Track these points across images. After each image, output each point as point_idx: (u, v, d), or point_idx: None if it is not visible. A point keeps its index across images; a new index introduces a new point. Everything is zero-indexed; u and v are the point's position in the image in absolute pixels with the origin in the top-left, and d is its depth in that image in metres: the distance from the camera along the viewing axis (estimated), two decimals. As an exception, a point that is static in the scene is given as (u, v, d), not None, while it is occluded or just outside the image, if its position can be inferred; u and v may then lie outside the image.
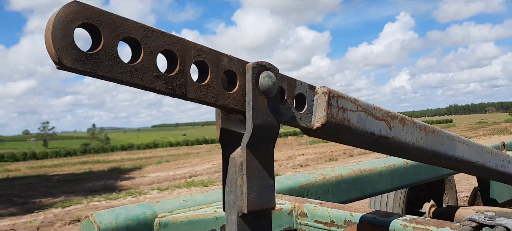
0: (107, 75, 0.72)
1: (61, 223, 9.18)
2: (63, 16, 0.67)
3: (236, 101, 0.89)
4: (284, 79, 0.97)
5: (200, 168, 20.61)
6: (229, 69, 0.88)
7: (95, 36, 0.71)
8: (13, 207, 12.17)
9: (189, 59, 0.82)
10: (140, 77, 0.75)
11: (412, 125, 1.25)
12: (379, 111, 1.16)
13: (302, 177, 1.95)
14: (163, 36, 0.78)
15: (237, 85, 0.89)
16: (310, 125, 1.02)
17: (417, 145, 1.26)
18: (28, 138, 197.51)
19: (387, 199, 3.47)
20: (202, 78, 0.85)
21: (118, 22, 0.73)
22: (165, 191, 13.22)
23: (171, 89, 0.80)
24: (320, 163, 18.78)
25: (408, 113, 69.78)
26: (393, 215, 1.32)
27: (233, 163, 0.90)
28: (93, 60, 0.70)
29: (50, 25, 0.66)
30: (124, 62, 0.74)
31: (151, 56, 0.77)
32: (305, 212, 1.50)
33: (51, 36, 0.66)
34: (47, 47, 0.67)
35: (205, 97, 0.84)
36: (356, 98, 1.11)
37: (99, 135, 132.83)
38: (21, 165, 39.61)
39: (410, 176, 2.41)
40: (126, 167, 25.83)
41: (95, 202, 11.93)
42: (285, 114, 0.97)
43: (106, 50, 0.71)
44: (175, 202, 1.52)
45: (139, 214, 1.40)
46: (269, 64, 0.91)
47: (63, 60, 0.67)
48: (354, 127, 1.08)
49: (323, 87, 1.04)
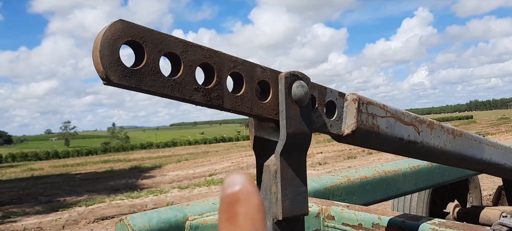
0: (150, 89, 0.75)
1: (85, 222, 9.37)
2: (110, 35, 0.70)
3: (270, 110, 0.91)
4: (315, 88, 0.99)
5: (219, 166, 20.74)
6: (262, 80, 0.90)
7: (139, 53, 0.75)
8: (38, 206, 12.48)
9: (225, 71, 0.85)
10: (180, 90, 0.78)
11: (440, 129, 1.25)
12: (408, 117, 1.17)
13: (327, 179, 1.97)
14: (201, 50, 0.81)
15: (270, 95, 0.91)
16: (340, 131, 1.04)
17: (445, 148, 1.27)
18: (50, 137, 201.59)
19: (410, 199, 3.45)
20: (237, 89, 0.87)
21: (160, 38, 0.76)
22: (186, 189, 13.35)
23: (209, 101, 0.83)
24: (339, 161, 18.70)
25: (427, 110, 68.59)
26: (421, 219, 1.33)
27: (268, 170, 0.92)
28: (137, 76, 0.73)
29: (98, 44, 0.69)
30: (165, 76, 0.77)
31: (190, 69, 0.80)
32: (332, 214, 1.52)
33: (99, 54, 0.69)
34: (95, 65, 0.70)
35: (240, 108, 0.87)
36: (385, 104, 1.13)
37: (119, 133, 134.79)
38: (44, 164, 40.50)
39: (434, 176, 2.40)
40: (146, 165, 26.18)
41: (117, 200, 12.14)
42: (316, 122, 0.99)
43: (149, 65, 0.74)
44: (205, 205, 1.56)
45: (171, 217, 1.44)
46: (301, 73, 0.93)
47: (110, 77, 0.70)
48: (383, 133, 1.10)
49: (353, 94, 1.06)
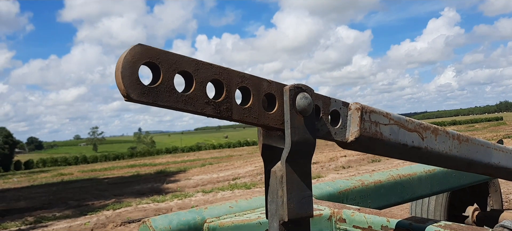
0: (165, 104, 0.84)
1: (113, 225, 9.62)
2: (130, 58, 0.80)
3: (276, 120, 0.99)
4: (319, 98, 1.07)
5: (243, 170, 20.87)
6: (268, 92, 0.98)
7: (155, 72, 0.84)
8: (68, 210, 12.86)
9: (233, 86, 0.93)
10: (193, 104, 0.87)
11: (444, 135, 1.30)
12: (411, 124, 1.23)
13: (341, 183, 2.03)
14: (211, 68, 0.90)
15: (276, 106, 0.99)
16: (344, 139, 1.11)
17: (450, 153, 1.32)
18: (79, 143, 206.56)
19: (428, 203, 3.45)
20: (245, 102, 0.96)
21: (174, 59, 0.85)
22: (210, 193, 13.52)
23: (219, 113, 0.91)
24: (363, 164, 18.54)
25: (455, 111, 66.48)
26: (428, 221, 1.38)
27: (274, 176, 1.00)
28: (154, 93, 0.83)
29: (120, 65, 0.79)
30: (179, 92, 0.86)
31: (202, 86, 0.89)
32: (344, 217, 1.58)
33: (121, 75, 0.79)
34: (117, 84, 0.80)
35: (248, 119, 0.95)
36: (388, 113, 1.19)
37: (145, 138, 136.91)
38: (73, 169, 41.56)
39: (450, 180, 2.43)
40: (171, 170, 26.56)
41: (143, 204, 12.39)
42: (321, 130, 1.06)
43: (164, 83, 0.84)
44: (222, 208, 1.65)
45: (190, 219, 1.53)
46: (305, 86, 1.01)
47: (131, 94, 0.80)
48: (386, 139, 1.16)
49: (356, 103, 1.12)
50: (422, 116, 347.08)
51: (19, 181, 29.60)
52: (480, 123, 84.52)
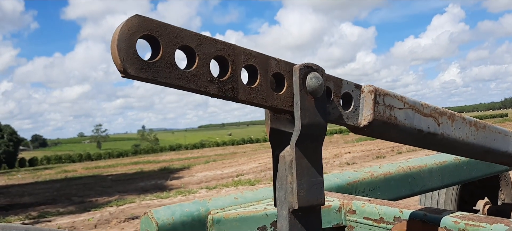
0: (165, 81, 0.78)
1: (116, 221, 9.60)
2: (127, 29, 0.73)
3: (284, 102, 0.93)
4: (331, 79, 1.00)
5: (247, 167, 20.82)
6: (277, 72, 0.92)
7: (155, 46, 0.78)
8: (72, 206, 12.86)
9: (239, 64, 0.87)
10: (195, 82, 0.81)
11: (461, 121, 1.23)
12: (427, 108, 1.16)
13: (350, 174, 1.96)
14: (215, 43, 0.84)
15: (285, 87, 0.92)
16: (357, 123, 1.05)
17: (467, 141, 1.25)
18: (83, 140, 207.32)
19: (438, 196, 3.38)
20: (252, 81, 0.89)
21: (175, 32, 0.79)
22: (214, 190, 13.49)
23: (224, 93, 0.85)
24: (368, 161, 18.44)
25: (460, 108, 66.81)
26: (444, 212, 1.31)
27: (283, 161, 0.94)
28: (154, 68, 0.76)
29: (115, 37, 0.73)
30: (180, 69, 0.79)
31: (205, 62, 0.82)
32: (354, 209, 1.52)
33: (117, 48, 0.72)
34: (113, 58, 0.74)
35: (255, 99, 0.89)
36: (403, 96, 1.12)
37: (149, 136, 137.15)
38: (77, 166, 41.70)
39: (461, 172, 2.35)
40: (175, 166, 26.56)
41: (147, 200, 12.38)
42: (332, 113, 1.00)
43: (164, 58, 0.77)
44: (226, 199, 1.58)
45: (193, 211, 1.47)
46: (315, 65, 0.94)
47: (128, 69, 0.73)
48: (401, 124, 1.09)
49: (369, 86, 1.06)
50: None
51: (23, 178, 29.67)
52: (485, 120, 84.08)
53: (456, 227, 1.23)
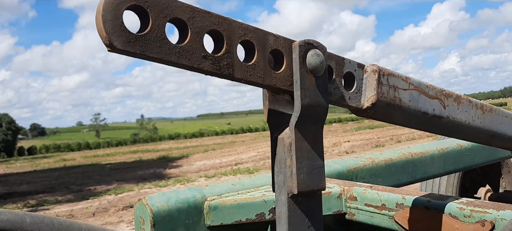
0: (155, 56, 0.72)
1: (115, 209, 9.59)
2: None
3: (283, 81, 0.87)
4: (332, 58, 0.94)
5: (246, 155, 20.82)
6: (275, 49, 0.86)
7: (143, 18, 0.72)
8: (70, 194, 12.85)
9: (235, 39, 0.81)
10: (188, 58, 0.75)
11: (468, 104, 1.18)
12: (433, 90, 1.10)
13: (350, 160, 1.91)
14: (209, 16, 0.78)
15: (284, 65, 0.87)
16: (359, 104, 0.99)
17: (473, 124, 1.20)
18: (82, 129, 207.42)
19: (439, 183, 3.34)
20: (249, 58, 0.84)
21: (165, 3, 0.73)
22: (212, 178, 13.48)
23: (219, 70, 0.79)
24: (367, 149, 18.44)
25: (460, 97, 67.69)
26: (448, 198, 1.27)
27: (282, 143, 0.89)
28: (142, 42, 0.71)
29: (100, 8, 0.67)
30: (172, 43, 0.74)
31: (198, 36, 0.76)
32: (355, 195, 1.47)
33: (102, 19, 0.67)
34: (98, 31, 0.68)
35: (252, 77, 0.83)
36: (408, 77, 1.07)
37: (148, 125, 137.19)
38: (76, 155, 41.73)
39: (464, 159, 2.31)
40: (174, 155, 26.57)
41: (145, 189, 12.37)
42: (333, 93, 0.94)
43: (154, 31, 0.72)
44: (223, 186, 1.54)
45: (189, 197, 1.42)
46: (316, 42, 0.89)
47: (114, 42, 0.68)
48: (406, 106, 1.04)
49: (373, 65, 1.00)
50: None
51: (22, 166, 29.68)
52: (489, 104, 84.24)
53: (461, 214, 1.18)
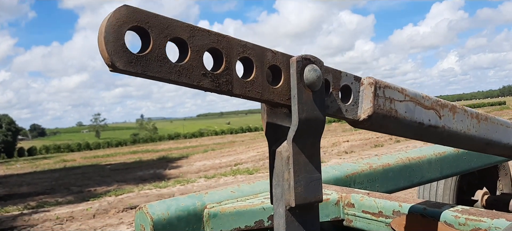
0: (156, 75, 0.74)
1: (115, 211, 9.60)
2: (114, 21, 0.69)
3: (281, 95, 0.89)
4: (329, 72, 0.96)
5: (245, 155, 20.83)
6: (273, 64, 0.88)
7: (145, 38, 0.74)
8: (70, 195, 12.86)
9: (234, 56, 0.83)
10: (188, 76, 0.77)
11: (463, 113, 1.20)
12: (428, 100, 1.12)
13: (348, 166, 1.94)
14: (208, 35, 0.80)
15: (282, 80, 0.89)
16: (356, 116, 1.01)
17: (469, 133, 1.22)
18: (81, 129, 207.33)
19: (436, 187, 3.36)
20: (247, 74, 0.86)
21: (166, 23, 0.75)
22: (212, 179, 13.49)
23: (218, 87, 0.81)
24: (366, 149, 18.46)
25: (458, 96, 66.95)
26: (444, 206, 1.29)
27: (280, 157, 0.91)
28: (143, 62, 0.73)
29: (103, 29, 0.69)
30: (172, 62, 0.76)
31: (198, 55, 0.78)
32: (352, 202, 1.49)
33: (104, 40, 0.69)
34: (100, 51, 0.70)
35: (250, 93, 0.85)
36: (404, 88, 1.09)
37: (147, 125, 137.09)
38: (76, 155, 41.73)
39: (461, 163, 2.33)
40: (174, 156, 26.57)
41: (145, 190, 12.38)
42: (330, 106, 0.96)
43: (155, 51, 0.74)
44: (223, 193, 1.56)
45: (189, 205, 1.44)
46: (313, 57, 0.91)
47: (116, 63, 0.70)
48: (402, 117, 1.06)
49: (369, 78, 1.02)
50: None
51: (22, 167, 29.68)
52: (483, 108, 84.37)
53: (456, 222, 1.20)
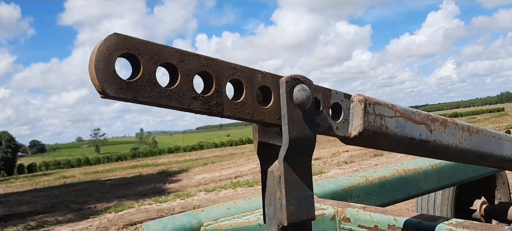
0: (146, 100, 0.76)
1: (115, 228, 9.56)
2: (104, 49, 0.71)
3: (272, 115, 0.91)
4: (319, 90, 0.98)
5: (245, 168, 20.79)
6: (263, 85, 0.90)
7: (135, 64, 0.75)
8: (70, 213, 12.81)
9: (224, 79, 0.85)
10: (178, 100, 0.79)
11: (454, 127, 1.22)
12: (418, 115, 1.14)
13: (345, 180, 1.94)
14: (198, 59, 0.81)
15: (272, 100, 0.90)
16: (347, 133, 1.03)
17: (460, 146, 1.23)
18: (81, 145, 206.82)
19: (434, 198, 3.36)
20: (238, 95, 0.87)
21: (156, 49, 0.77)
22: (212, 192, 13.45)
23: (208, 109, 0.83)
24: (365, 159, 18.44)
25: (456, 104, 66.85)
26: (438, 219, 1.30)
27: (272, 176, 0.92)
28: (134, 88, 0.74)
29: (93, 58, 0.71)
30: (162, 87, 0.77)
31: (188, 79, 0.80)
32: (348, 216, 1.50)
33: (95, 68, 0.70)
34: (91, 79, 0.71)
35: (241, 114, 0.87)
36: (394, 104, 1.10)
37: (147, 139, 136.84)
38: (76, 171, 41.58)
39: (457, 173, 2.34)
40: (174, 169, 26.51)
41: (146, 205, 12.33)
42: (321, 125, 0.98)
43: (145, 77, 0.75)
44: (219, 210, 1.56)
45: (186, 223, 1.45)
46: (303, 77, 0.92)
47: (106, 90, 0.71)
48: (392, 133, 1.08)
49: (359, 95, 1.04)
50: (423, 109, 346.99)
51: (21, 185, 29.58)
52: (481, 115, 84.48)
53: (451, 235, 1.21)
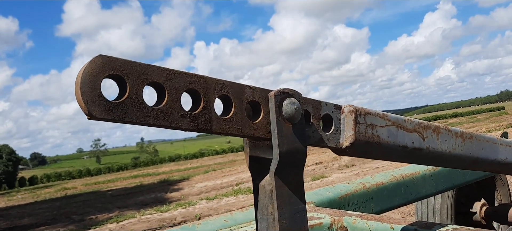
0: (134, 120, 0.75)
1: (116, 238, 9.53)
2: (90, 71, 0.71)
3: (262, 130, 0.91)
4: (309, 103, 0.98)
5: (246, 175, 20.74)
6: (252, 100, 0.90)
7: (121, 85, 0.75)
8: (72, 225, 12.78)
9: (212, 95, 0.85)
10: (166, 118, 0.79)
11: (447, 133, 1.22)
12: (410, 123, 1.14)
13: (342, 187, 1.94)
14: (185, 77, 0.81)
15: (261, 115, 0.90)
16: (339, 144, 1.03)
17: (454, 153, 1.23)
18: (82, 156, 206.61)
19: (434, 201, 3.35)
20: (227, 111, 0.87)
21: (142, 69, 0.77)
22: (213, 200, 13.41)
23: (197, 126, 0.83)
24: (367, 162, 18.41)
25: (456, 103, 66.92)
26: (435, 225, 1.29)
27: (263, 190, 0.92)
28: (121, 108, 0.74)
29: (79, 80, 0.71)
30: (149, 106, 0.77)
31: (175, 97, 0.80)
32: (345, 225, 1.49)
33: (80, 91, 0.70)
34: (77, 101, 0.71)
35: (230, 130, 0.87)
36: (385, 113, 1.10)
37: (148, 148, 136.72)
38: (77, 182, 41.55)
39: (456, 177, 2.33)
40: (175, 178, 26.48)
41: (147, 215, 12.29)
42: (312, 137, 0.98)
43: (132, 97, 0.75)
44: (216, 223, 1.56)
45: (182, 237, 1.44)
46: (292, 90, 0.92)
47: (93, 112, 0.71)
48: (384, 142, 1.07)
49: (349, 106, 1.04)
50: (423, 109, 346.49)
51: (23, 198, 29.53)
52: (481, 114, 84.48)
53: (447, 242, 1.20)
